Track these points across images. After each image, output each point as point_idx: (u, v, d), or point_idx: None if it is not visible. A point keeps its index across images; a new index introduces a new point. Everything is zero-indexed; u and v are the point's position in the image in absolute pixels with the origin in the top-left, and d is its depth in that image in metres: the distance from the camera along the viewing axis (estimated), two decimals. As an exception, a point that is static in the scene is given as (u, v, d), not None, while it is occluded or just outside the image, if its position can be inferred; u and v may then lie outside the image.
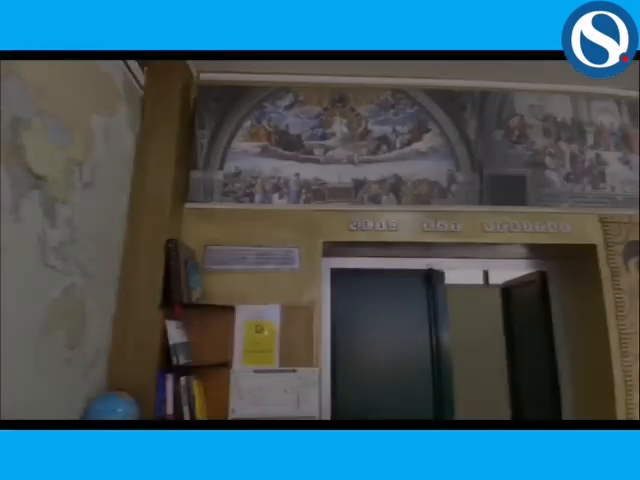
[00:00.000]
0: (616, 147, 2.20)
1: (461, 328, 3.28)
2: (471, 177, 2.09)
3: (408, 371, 2.22)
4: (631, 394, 1.95)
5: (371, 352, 2.25)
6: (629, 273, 2.05)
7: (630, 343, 1.99)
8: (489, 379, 3.25)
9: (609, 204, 2.12)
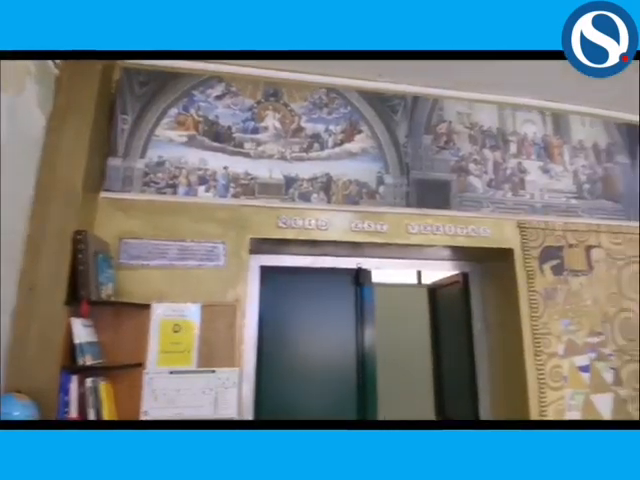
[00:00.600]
0: (537, 157, 2.33)
1: (391, 327, 3.37)
2: (399, 180, 2.12)
3: (334, 370, 2.22)
4: (544, 391, 2.06)
5: (298, 351, 2.23)
6: (544, 276, 2.18)
7: (543, 343, 2.11)
8: (416, 377, 3.35)
9: (528, 211, 2.24)
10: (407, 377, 3.49)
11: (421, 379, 3.22)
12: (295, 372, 2.17)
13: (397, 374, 3.35)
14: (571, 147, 2.40)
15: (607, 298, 2.22)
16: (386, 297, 3.81)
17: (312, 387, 2.16)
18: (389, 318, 3.69)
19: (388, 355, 3.67)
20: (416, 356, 3.36)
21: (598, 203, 2.35)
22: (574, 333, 2.14)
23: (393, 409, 3.27)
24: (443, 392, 2.83)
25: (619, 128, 2.52)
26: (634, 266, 2.31)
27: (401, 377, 3.43)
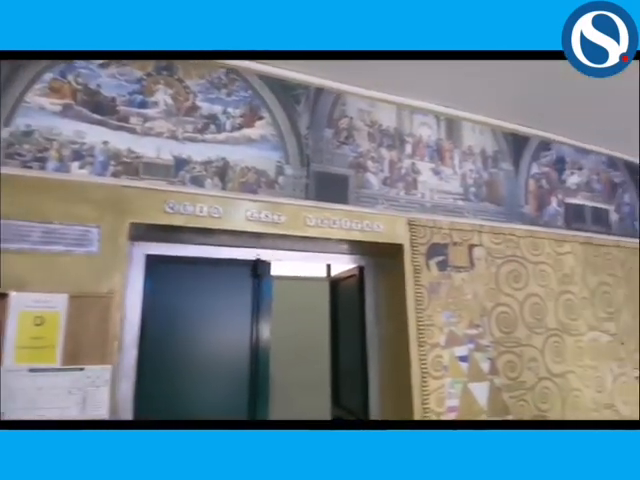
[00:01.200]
0: (430, 159, 2.45)
1: (294, 320, 3.39)
2: (299, 171, 2.10)
3: (225, 367, 2.13)
4: (426, 380, 2.17)
5: (186, 347, 2.09)
6: (430, 271, 2.29)
7: (427, 334, 2.22)
8: (317, 370, 3.40)
9: (418, 209, 2.34)
10: (308, 370, 3.52)
11: (321, 371, 3.26)
12: (182, 369, 2.04)
13: (298, 367, 3.36)
14: (461, 152, 2.56)
15: (486, 293, 2.41)
16: (290, 290, 3.81)
17: (200, 385, 2.06)
18: (293, 311, 3.70)
19: (289, 349, 3.68)
20: (317, 349, 3.39)
21: (482, 205, 2.54)
22: (455, 325, 2.29)
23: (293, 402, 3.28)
24: (339, 383, 2.88)
25: (505, 137, 2.75)
26: (511, 264, 2.54)
27: (302, 370, 3.45)
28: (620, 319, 2.88)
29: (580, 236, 2.85)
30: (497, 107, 2.59)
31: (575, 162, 3.00)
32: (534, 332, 2.51)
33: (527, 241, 2.64)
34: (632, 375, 2.84)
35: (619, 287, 2.94)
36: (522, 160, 2.77)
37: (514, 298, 2.50)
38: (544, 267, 2.65)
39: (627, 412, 2.75)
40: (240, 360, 2.14)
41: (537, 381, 2.46)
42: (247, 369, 2.14)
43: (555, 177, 2.88)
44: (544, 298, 2.59)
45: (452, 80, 2.26)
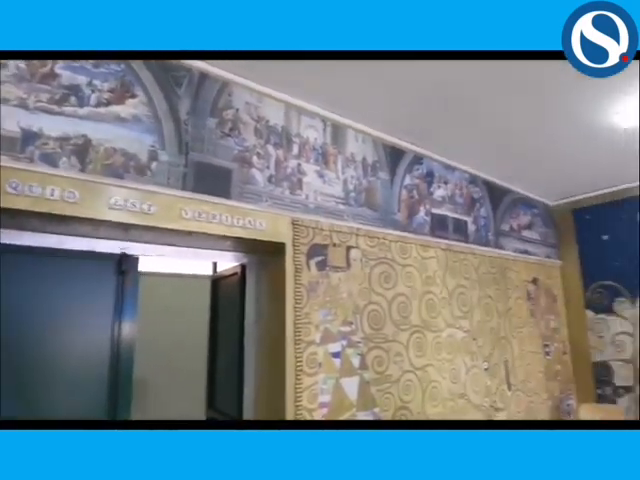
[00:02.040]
0: (315, 161, 2.51)
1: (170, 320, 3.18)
2: (176, 159, 1.96)
3: (83, 369, 1.89)
4: (300, 378, 2.20)
5: (37, 348, 1.81)
6: (309, 271, 2.34)
7: (303, 332, 2.25)
8: (192, 371, 3.24)
9: (302, 209, 2.38)
10: (183, 372, 3.33)
11: (198, 373, 3.10)
12: (33, 371, 1.76)
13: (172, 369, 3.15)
14: (344, 158, 2.67)
15: (359, 292, 2.54)
16: (169, 288, 3.58)
17: (55, 386, 1.80)
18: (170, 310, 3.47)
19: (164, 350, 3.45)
20: (195, 349, 3.23)
21: (360, 210, 2.68)
22: (330, 322, 2.36)
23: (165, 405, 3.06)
24: (215, 385, 2.77)
25: (384, 148, 2.95)
26: (383, 266, 2.72)
27: (177, 372, 3.25)
28: (473, 317, 3.29)
29: (442, 243, 3.19)
30: (380, 120, 2.76)
31: (442, 177, 3.36)
32: (400, 329, 2.72)
33: (397, 245, 2.86)
34: (482, 367, 3.26)
35: (473, 289, 3.36)
36: (397, 171, 3.00)
37: (384, 297, 2.68)
38: (411, 269, 2.90)
39: (477, 400, 3.15)
40: (100, 361, 1.93)
41: (401, 374, 2.67)
42: (108, 371, 1.94)
43: (424, 189, 3.18)
44: (410, 297, 2.83)
45: (341, 88, 2.34)
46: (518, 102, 2.55)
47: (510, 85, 2.35)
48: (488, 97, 2.49)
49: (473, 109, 2.62)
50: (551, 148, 3.24)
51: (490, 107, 2.60)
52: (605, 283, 4.21)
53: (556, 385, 4.10)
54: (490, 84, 2.34)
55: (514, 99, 2.52)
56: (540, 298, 4.19)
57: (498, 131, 2.93)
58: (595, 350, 4.23)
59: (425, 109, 2.62)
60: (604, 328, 4.19)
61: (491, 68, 2.16)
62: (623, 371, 4.03)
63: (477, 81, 2.31)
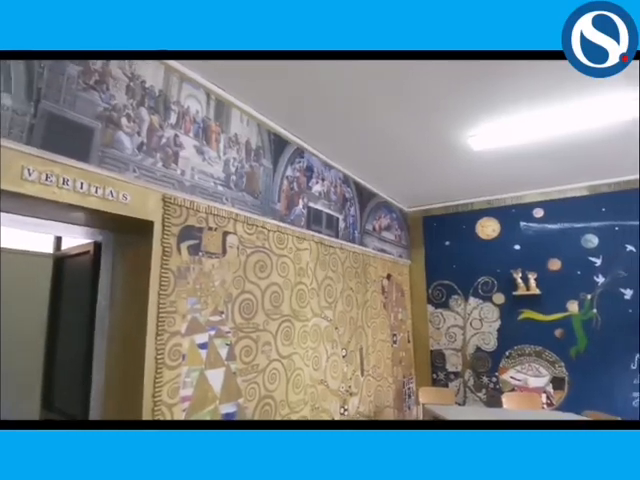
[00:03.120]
0: (195, 135, 2.31)
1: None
2: (23, 106, 1.58)
3: None
4: (160, 371, 1.99)
5: None
6: (180, 255, 2.14)
7: (167, 321, 2.05)
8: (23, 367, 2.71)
9: (176, 186, 2.16)
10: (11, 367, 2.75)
11: (31, 368, 2.60)
12: None
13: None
14: (227, 137, 2.53)
15: (233, 280, 2.44)
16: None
17: None
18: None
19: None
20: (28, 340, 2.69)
21: (240, 195, 2.58)
22: (199, 312, 2.21)
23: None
24: (55, 381, 2.36)
25: (269, 135, 2.88)
26: (259, 255, 2.66)
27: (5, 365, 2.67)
28: (336, 308, 3.47)
29: (316, 236, 3.28)
30: (267, 106, 2.69)
31: (320, 173, 3.45)
32: (271, 318, 2.71)
33: (275, 235, 2.84)
34: (340, 354, 3.45)
35: (338, 282, 3.54)
36: (280, 161, 2.97)
37: (258, 286, 2.63)
38: (286, 260, 2.91)
39: (335, 386, 3.32)
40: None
41: (268, 363, 2.65)
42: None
43: (304, 183, 3.22)
44: (282, 287, 2.84)
45: (231, 64, 2.19)
46: (391, 112, 2.75)
47: (387, 94, 2.53)
48: (366, 103, 2.64)
49: (352, 113, 2.75)
50: (412, 159, 3.61)
51: (367, 113, 2.76)
52: (444, 282, 4.90)
53: (400, 370, 4.61)
54: (370, 90, 2.48)
55: (388, 108, 2.71)
56: (392, 292, 4.65)
57: (371, 137, 3.13)
58: (433, 340, 4.89)
59: (310, 104, 2.65)
60: (441, 321, 4.87)
61: (376, 74, 2.29)
62: (454, 359, 4.75)
63: (360, 86, 2.42)
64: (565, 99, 2.61)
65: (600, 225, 4.18)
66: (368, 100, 2.62)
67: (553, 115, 2.78)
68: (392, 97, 2.58)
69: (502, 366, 4.47)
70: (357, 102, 2.64)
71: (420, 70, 2.28)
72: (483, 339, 4.60)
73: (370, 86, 2.45)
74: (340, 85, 2.43)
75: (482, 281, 4.67)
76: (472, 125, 2.96)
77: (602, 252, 4.14)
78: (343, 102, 2.63)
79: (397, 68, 2.24)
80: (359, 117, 2.83)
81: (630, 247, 4.03)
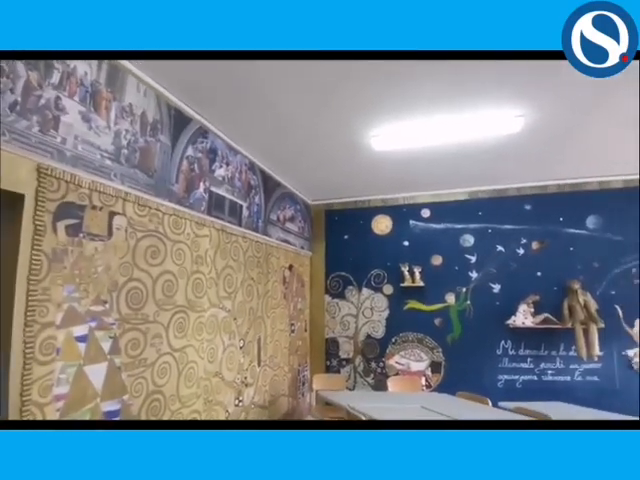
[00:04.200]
0: (81, 100, 2.02)
1: None
2: None
3: None
4: (29, 367, 1.73)
5: None
6: (56, 235, 1.87)
7: (39, 311, 1.78)
8: None
9: (54, 156, 1.87)
10: None
11: None
12: None
13: None
14: (120, 107, 2.27)
15: (119, 267, 2.21)
16: None
17: None
18: None
19: None
20: None
21: (132, 172, 2.34)
22: (78, 301, 1.96)
23: None
24: None
25: (169, 109, 2.66)
26: (151, 239, 2.45)
27: None
28: (236, 298, 3.37)
29: (217, 223, 3.14)
30: (168, 77, 2.47)
31: (225, 157, 3.31)
32: (163, 309, 2.52)
33: (171, 219, 2.64)
34: (237, 345, 3.38)
35: (239, 271, 3.45)
36: (180, 138, 2.77)
37: (148, 274, 2.42)
38: (182, 246, 2.73)
39: (230, 377, 3.24)
40: None
41: (158, 357, 2.47)
42: None
43: (206, 165, 3.05)
44: (177, 276, 2.67)
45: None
46: (301, 104, 2.75)
47: (297, 86, 2.51)
48: (277, 93, 2.59)
49: (261, 99, 2.67)
50: (318, 154, 3.66)
51: (277, 102, 2.71)
52: (341, 274, 5.10)
53: (296, 359, 4.68)
54: (280, 81, 2.43)
55: (298, 100, 2.70)
56: (293, 283, 4.70)
57: (279, 126, 3.10)
58: (328, 328, 5.07)
59: (218, 83, 2.50)
60: (336, 310, 5.06)
61: (288, 65, 2.25)
62: (346, 346, 4.98)
63: (271, 76, 2.36)
64: (456, 110, 2.86)
65: (476, 227, 4.72)
66: (279, 90, 2.56)
67: (445, 123, 3.04)
68: (302, 89, 2.56)
69: (389, 352, 4.82)
70: (268, 90, 2.57)
71: (331, 68, 2.30)
72: (373, 327, 4.90)
73: (281, 76, 2.40)
74: (252, 71, 2.34)
75: (375, 273, 4.96)
76: (375, 126, 3.09)
77: (477, 251, 4.68)
78: (253, 88, 2.54)
79: (311, 63, 2.23)
80: (268, 105, 2.77)
81: (500, 247, 4.62)
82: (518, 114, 2.89)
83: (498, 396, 3.66)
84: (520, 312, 4.38)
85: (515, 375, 4.41)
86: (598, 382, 4.20)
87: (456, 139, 3.28)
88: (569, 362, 4.29)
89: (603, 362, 4.19)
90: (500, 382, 4.43)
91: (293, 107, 2.82)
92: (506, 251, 4.60)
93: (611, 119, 2.97)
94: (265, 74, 2.41)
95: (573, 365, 4.28)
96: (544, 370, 4.35)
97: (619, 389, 4.12)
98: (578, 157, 3.83)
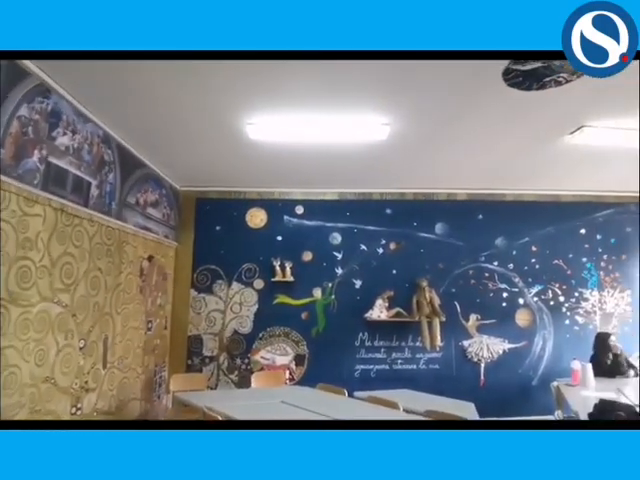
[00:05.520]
0: None
1: None
2: None
3: None
4: None
5: None
6: None
7: None
8: None
9: None
10: None
11: None
12: None
13: None
14: None
15: None
16: None
17: None
18: None
19: None
20: None
21: None
22: None
23: None
24: None
25: None
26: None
27: None
28: (76, 291, 2.90)
29: (56, 201, 2.64)
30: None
31: (72, 124, 2.81)
32: (-31, 302, 2.01)
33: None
34: (77, 346, 2.91)
35: (82, 260, 2.97)
36: (11, 94, 2.25)
37: (-49, 258, 1.91)
38: (4, 226, 2.22)
39: (66, 383, 2.77)
40: None
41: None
42: None
43: (45, 130, 2.54)
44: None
45: None
46: (172, 76, 2.47)
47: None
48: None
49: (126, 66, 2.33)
50: (189, 134, 3.38)
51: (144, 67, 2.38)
52: (210, 267, 4.85)
53: (152, 359, 4.28)
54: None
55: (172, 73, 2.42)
56: (152, 275, 4.29)
57: (145, 97, 2.75)
58: (192, 325, 4.76)
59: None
60: (202, 306, 4.79)
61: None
62: (211, 343, 4.74)
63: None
64: (329, 111, 2.91)
65: (344, 226, 4.95)
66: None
67: (319, 123, 3.07)
68: (174, 63, 2.30)
69: (255, 347, 4.74)
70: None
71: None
72: (241, 322, 4.77)
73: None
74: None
75: (246, 267, 4.83)
76: (251, 113, 2.96)
77: (343, 248, 4.91)
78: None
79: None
80: (133, 70, 2.40)
81: (363, 246, 4.91)
82: (384, 122, 3.07)
83: (355, 385, 3.88)
84: (376, 306, 4.73)
85: (370, 365, 4.75)
86: (439, 369, 4.77)
87: (328, 140, 3.34)
88: (415, 352, 4.78)
89: (443, 352, 4.77)
90: (357, 372, 4.72)
91: (162, 79, 2.51)
92: (368, 250, 4.92)
93: (468, 133, 3.35)
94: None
95: (419, 354, 4.78)
96: (395, 359, 4.77)
97: (455, 375, 4.75)
98: (432, 169, 4.29)
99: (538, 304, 4.92)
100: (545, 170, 4.28)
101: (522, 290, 4.92)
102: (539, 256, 4.98)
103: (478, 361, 4.78)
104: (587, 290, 4.98)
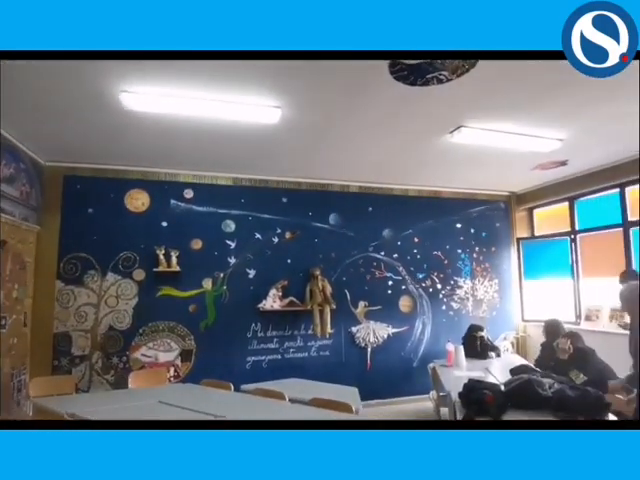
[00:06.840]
0: None
1: None
2: None
3: None
4: None
5: None
6: None
7: None
8: None
9: None
10: None
11: None
12: None
13: None
14: None
15: None
16: None
17: None
18: None
19: None
20: None
21: None
22: None
23: None
24: None
25: None
26: None
27: None
28: None
29: None
30: None
31: None
32: None
33: None
34: None
35: None
36: None
37: None
38: None
39: None
40: None
41: None
42: None
43: None
44: None
45: None
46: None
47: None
48: None
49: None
50: (52, 101, 2.89)
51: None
52: (80, 255, 4.27)
53: (8, 361, 3.65)
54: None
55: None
56: (7, 264, 3.64)
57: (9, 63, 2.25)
58: (58, 321, 4.16)
59: None
60: (71, 299, 4.21)
61: None
62: (82, 341, 4.19)
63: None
64: (217, 88, 2.70)
65: (238, 213, 4.76)
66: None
67: (205, 99, 2.84)
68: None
69: (134, 344, 4.32)
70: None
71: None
72: (117, 317, 4.30)
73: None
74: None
75: (124, 256, 4.36)
76: (126, 79, 2.61)
77: (237, 237, 4.72)
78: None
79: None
80: None
81: (258, 235, 4.78)
82: (275, 104, 2.96)
83: (245, 378, 3.76)
84: (270, 296, 4.65)
85: (262, 356, 4.66)
86: (329, 356, 4.87)
87: (217, 117, 3.12)
88: (307, 340, 4.82)
89: (334, 339, 4.89)
90: (249, 364, 4.60)
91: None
92: (263, 238, 4.80)
93: (359, 126, 3.39)
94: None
95: (310, 342, 4.83)
96: (287, 348, 4.75)
97: (344, 361, 4.90)
98: (326, 160, 4.31)
99: (419, 291, 5.31)
100: (427, 167, 4.59)
101: (405, 278, 5.26)
102: (421, 247, 5.37)
103: (365, 346, 5.00)
104: (461, 279, 5.51)
